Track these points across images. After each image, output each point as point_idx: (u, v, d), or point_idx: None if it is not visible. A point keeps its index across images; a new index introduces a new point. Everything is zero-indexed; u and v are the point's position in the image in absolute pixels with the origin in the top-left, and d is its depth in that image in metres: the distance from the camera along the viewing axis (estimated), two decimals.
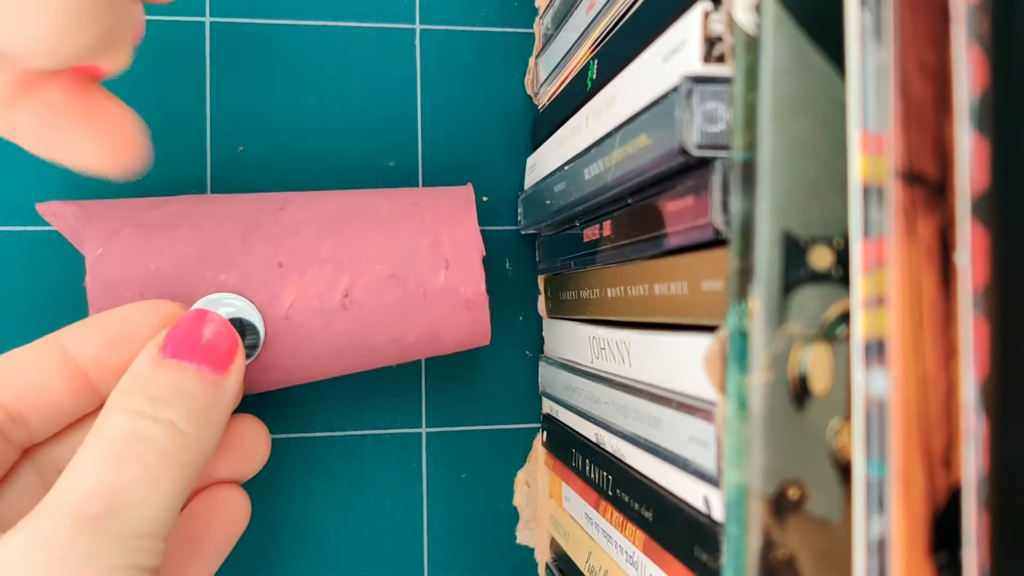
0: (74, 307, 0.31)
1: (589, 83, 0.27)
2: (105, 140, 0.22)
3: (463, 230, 0.27)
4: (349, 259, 0.26)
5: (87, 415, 0.25)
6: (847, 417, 0.17)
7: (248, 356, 0.25)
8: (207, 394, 0.22)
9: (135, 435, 0.21)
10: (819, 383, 0.17)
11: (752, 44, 0.17)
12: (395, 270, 0.26)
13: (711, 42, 0.19)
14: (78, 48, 0.18)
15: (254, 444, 0.26)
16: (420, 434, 0.34)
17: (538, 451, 0.35)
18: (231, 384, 0.23)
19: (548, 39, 0.32)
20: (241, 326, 0.25)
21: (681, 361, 0.21)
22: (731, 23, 0.18)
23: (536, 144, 0.33)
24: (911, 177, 0.16)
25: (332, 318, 0.26)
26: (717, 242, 0.19)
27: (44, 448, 0.24)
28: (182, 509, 0.25)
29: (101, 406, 0.24)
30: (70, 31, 0.18)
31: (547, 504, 0.34)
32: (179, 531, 0.25)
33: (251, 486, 0.32)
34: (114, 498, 0.20)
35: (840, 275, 0.17)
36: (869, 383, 0.16)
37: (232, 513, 0.26)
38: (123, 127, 0.22)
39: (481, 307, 0.27)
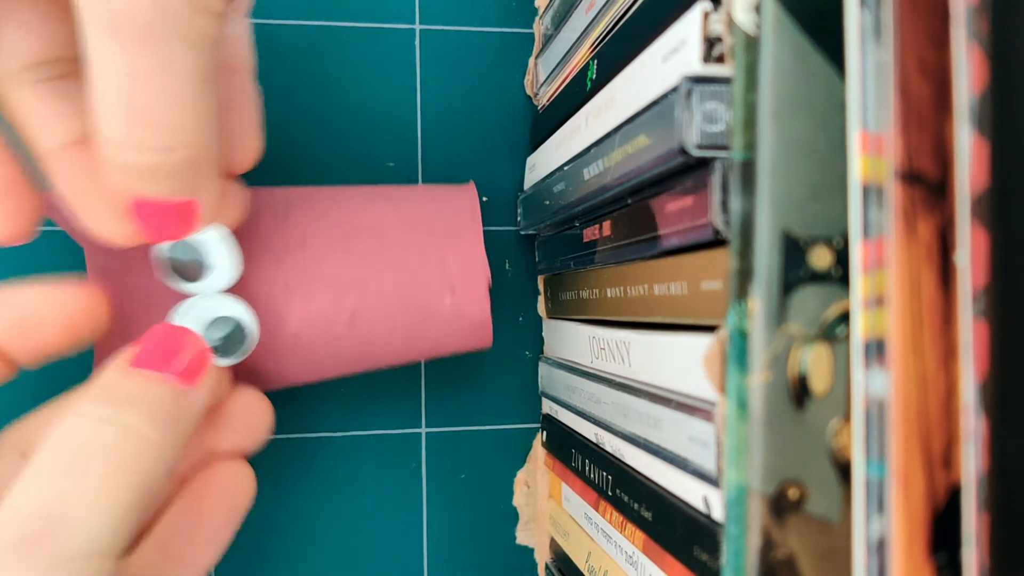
0: None
1: (589, 83, 0.27)
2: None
3: (469, 252, 0.27)
4: (355, 282, 0.26)
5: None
6: (847, 417, 0.17)
7: (240, 356, 0.25)
8: (172, 399, 0.21)
9: (89, 441, 0.20)
10: (819, 383, 0.17)
11: (752, 44, 0.17)
12: (400, 294, 0.26)
13: (711, 42, 0.19)
14: None
15: (255, 417, 0.26)
16: (420, 434, 0.34)
17: (538, 451, 0.35)
18: (199, 395, 0.22)
19: (548, 39, 0.32)
20: (238, 329, 0.25)
21: (681, 361, 0.21)
22: (731, 23, 0.18)
23: (535, 144, 0.33)
24: (911, 177, 0.16)
25: (338, 337, 0.26)
26: (717, 242, 0.19)
27: (23, 426, 0.24)
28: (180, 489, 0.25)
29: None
30: None
31: (547, 504, 0.34)
32: (182, 507, 0.24)
33: None
34: (55, 515, 0.18)
35: (840, 275, 0.17)
36: (869, 383, 0.16)
37: (235, 486, 0.25)
38: (16, 199, 0.23)
39: (484, 328, 0.27)
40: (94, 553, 0.19)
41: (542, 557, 0.35)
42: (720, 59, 0.19)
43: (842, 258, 0.17)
